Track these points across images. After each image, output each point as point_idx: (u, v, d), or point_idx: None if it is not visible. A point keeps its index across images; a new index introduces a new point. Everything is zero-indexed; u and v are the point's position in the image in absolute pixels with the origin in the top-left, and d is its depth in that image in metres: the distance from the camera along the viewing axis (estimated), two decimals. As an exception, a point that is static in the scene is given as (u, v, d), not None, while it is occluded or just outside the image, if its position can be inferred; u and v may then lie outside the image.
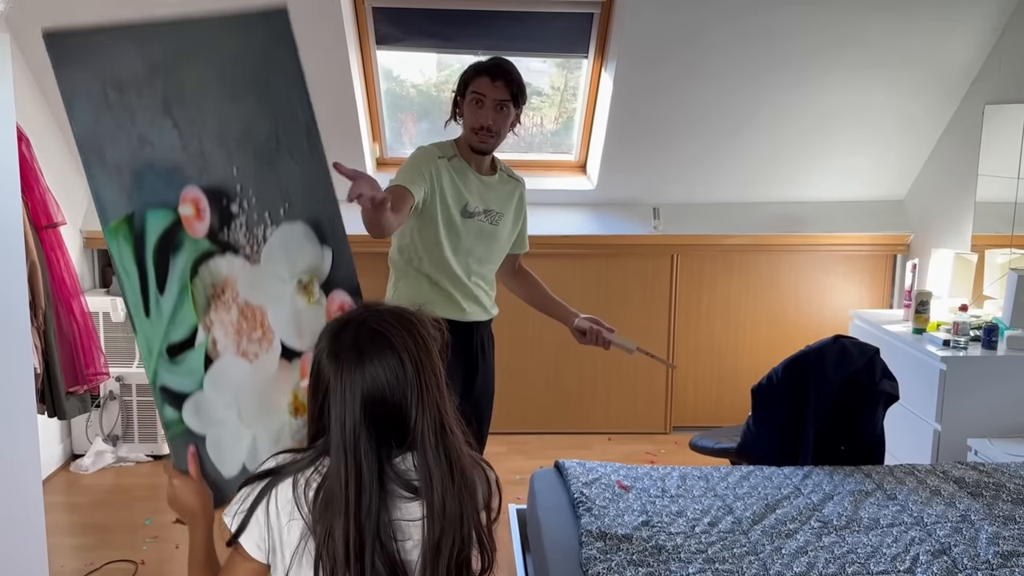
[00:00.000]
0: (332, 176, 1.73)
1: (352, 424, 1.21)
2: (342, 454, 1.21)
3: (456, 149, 2.47)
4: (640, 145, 4.03)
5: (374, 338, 1.25)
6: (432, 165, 2.37)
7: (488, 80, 2.36)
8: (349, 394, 1.22)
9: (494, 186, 2.52)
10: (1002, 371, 3.21)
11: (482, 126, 2.37)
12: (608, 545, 2.04)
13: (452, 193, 2.40)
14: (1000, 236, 3.64)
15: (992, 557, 1.99)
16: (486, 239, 2.50)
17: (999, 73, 3.69)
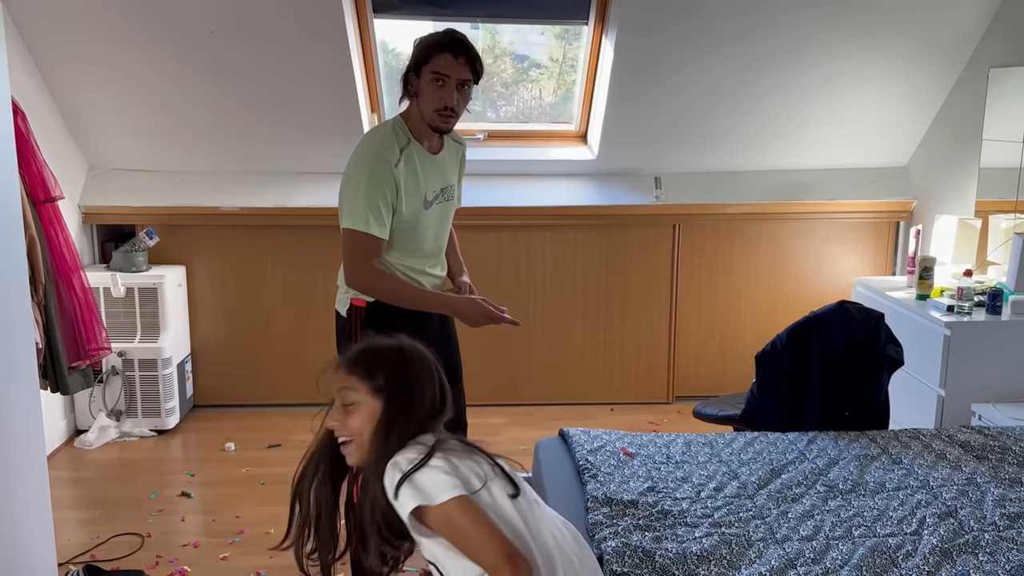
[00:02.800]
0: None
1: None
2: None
3: (408, 132, 2.35)
4: (641, 114, 4.00)
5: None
6: (389, 185, 2.26)
7: (451, 57, 2.25)
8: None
9: (445, 160, 2.46)
10: (1006, 336, 3.20)
11: (446, 106, 2.28)
12: (614, 511, 2.04)
13: (411, 193, 2.32)
14: (1005, 201, 3.61)
15: (998, 519, 1.99)
16: (445, 215, 2.50)
17: (1004, 36, 3.64)
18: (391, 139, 2.32)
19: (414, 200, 2.34)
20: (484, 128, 4.28)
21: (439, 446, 1.51)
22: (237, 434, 3.95)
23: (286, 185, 4.12)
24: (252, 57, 3.63)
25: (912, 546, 1.88)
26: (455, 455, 1.51)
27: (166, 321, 3.94)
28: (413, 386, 1.57)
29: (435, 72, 2.26)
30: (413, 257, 2.42)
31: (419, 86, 2.30)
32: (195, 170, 4.12)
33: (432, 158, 2.40)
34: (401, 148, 2.31)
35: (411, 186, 2.32)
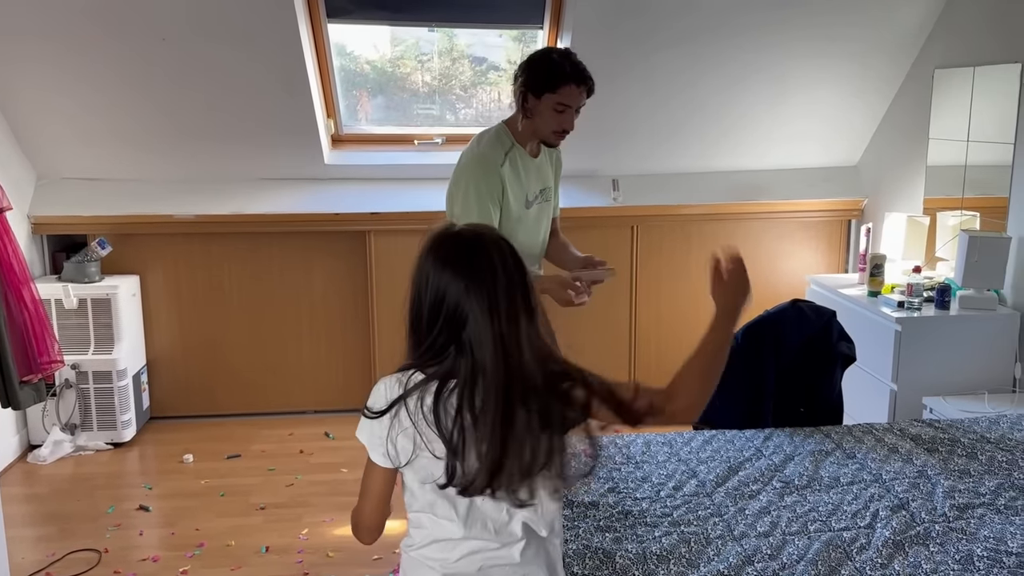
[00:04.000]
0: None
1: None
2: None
3: (512, 136, 2.51)
4: (597, 117, 4.00)
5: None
6: (496, 187, 2.42)
7: (574, 88, 2.39)
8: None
9: (542, 163, 2.61)
10: (955, 330, 3.28)
11: (564, 130, 2.46)
12: (575, 512, 2.05)
13: (514, 194, 2.47)
14: (951, 199, 3.71)
15: (948, 510, 2.04)
16: (542, 215, 2.62)
17: (947, 37, 3.74)
18: (496, 143, 2.49)
19: (518, 200, 2.49)
20: (442, 132, 4.28)
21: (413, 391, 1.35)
22: (195, 445, 3.90)
23: (242, 192, 4.07)
24: (204, 63, 3.59)
25: (866, 539, 1.92)
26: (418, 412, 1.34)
27: (120, 332, 3.87)
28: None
29: (560, 103, 2.39)
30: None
31: (537, 107, 2.42)
32: (148, 178, 4.06)
33: (532, 161, 2.55)
34: (505, 151, 2.48)
35: (515, 186, 2.47)
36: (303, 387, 4.23)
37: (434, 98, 4.37)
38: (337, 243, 4.15)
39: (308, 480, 3.54)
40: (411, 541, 1.42)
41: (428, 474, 1.35)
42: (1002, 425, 2.60)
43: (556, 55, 2.42)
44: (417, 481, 1.37)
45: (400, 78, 4.33)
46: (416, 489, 1.39)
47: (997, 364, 3.31)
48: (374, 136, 4.28)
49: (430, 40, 4.27)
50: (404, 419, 1.34)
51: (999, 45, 3.40)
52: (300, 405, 4.22)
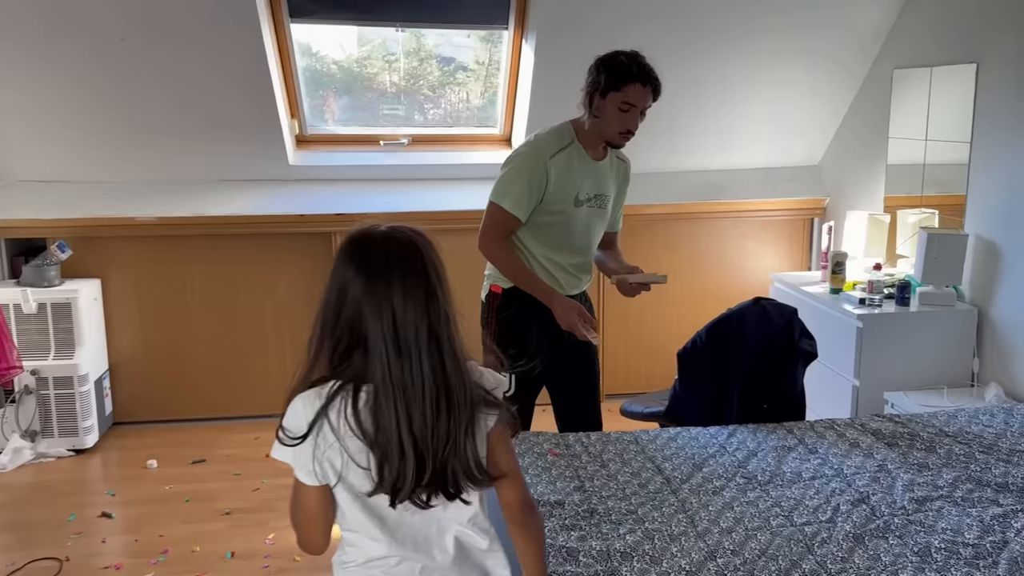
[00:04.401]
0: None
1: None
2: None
3: (574, 135, 2.53)
4: (564, 117, 4.01)
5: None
6: (539, 172, 2.46)
7: (640, 87, 2.42)
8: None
9: (605, 169, 2.60)
10: (915, 326, 3.34)
11: (628, 131, 2.47)
12: (541, 512, 2.06)
13: (561, 188, 2.49)
14: (911, 197, 3.77)
15: (908, 503, 2.08)
16: (594, 220, 2.61)
17: (906, 38, 3.80)
18: (555, 136, 2.54)
19: (565, 195, 2.50)
20: (408, 133, 4.27)
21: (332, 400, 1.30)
22: (160, 451, 3.85)
23: (205, 193, 4.03)
24: (166, 63, 3.54)
25: (827, 533, 1.94)
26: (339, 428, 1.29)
27: (81, 337, 3.81)
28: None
29: (625, 102, 2.42)
30: (558, 252, 2.59)
31: (603, 107, 2.45)
32: (108, 180, 4.00)
33: (592, 163, 2.56)
34: (562, 146, 2.51)
35: (564, 181, 2.49)
36: (269, 390, 4.19)
37: (400, 98, 4.35)
38: (302, 245, 4.12)
39: (274, 484, 3.51)
40: (345, 558, 1.38)
41: (357, 488, 1.31)
42: (960, 419, 2.65)
43: (624, 56, 2.45)
44: (348, 498, 1.33)
45: (367, 78, 4.31)
46: (346, 507, 1.34)
47: (956, 359, 3.36)
48: (339, 136, 4.26)
49: (397, 40, 4.26)
50: (329, 434, 1.29)
51: (955, 46, 3.46)
52: (266, 409, 4.18)
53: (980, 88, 3.32)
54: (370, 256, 1.31)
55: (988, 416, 2.66)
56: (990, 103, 3.28)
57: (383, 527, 1.34)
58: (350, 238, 1.35)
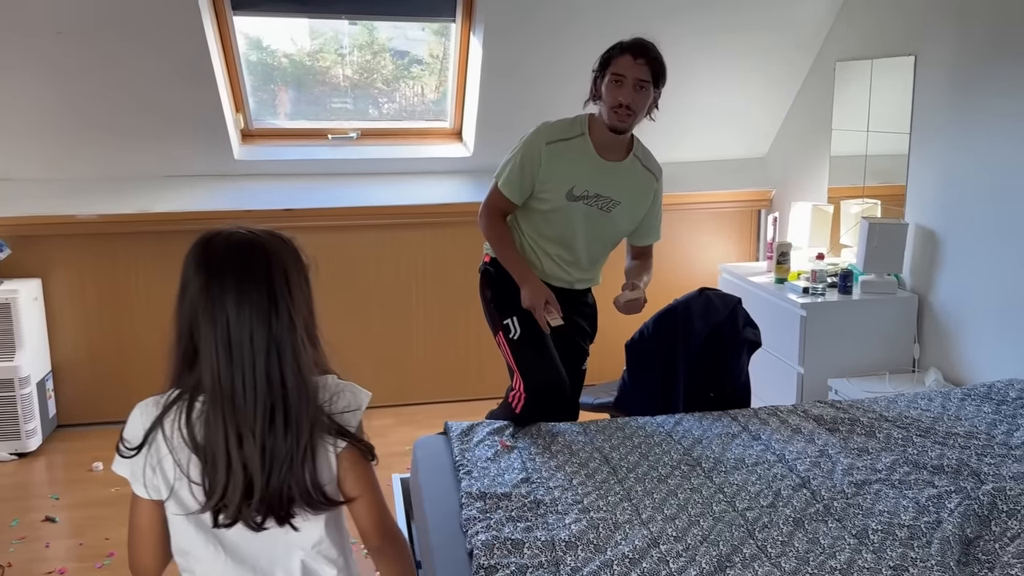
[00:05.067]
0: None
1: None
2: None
3: (586, 127, 2.52)
4: (513, 110, 4.04)
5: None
6: (533, 156, 2.48)
7: (630, 58, 2.40)
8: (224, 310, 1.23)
9: (617, 172, 2.55)
10: (857, 314, 3.40)
11: (620, 103, 2.40)
12: (488, 504, 2.06)
13: (553, 178, 2.48)
14: (854, 187, 3.84)
15: (847, 487, 2.12)
16: (593, 222, 2.57)
17: (847, 31, 3.87)
18: (564, 124, 2.54)
19: (557, 187, 2.49)
20: (357, 127, 4.23)
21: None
22: (105, 453, 3.77)
23: (148, 190, 3.95)
24: (104, 57, 3.46)
25: (768, 517, 1.98)
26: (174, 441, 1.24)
27: (22, 338, 3.71)
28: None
29: (614, 73, 2.41)
30: (546, 240, 2.61)
31: (601, 89, 2.46)
32: (47, 177, 3.90)
33: (599, 161, 2.52)
34: (567, 136, 2.50)
35: (557, 171, 2.48)
36: (219, 389, 4.13)
37: (354, 92, 4.31)
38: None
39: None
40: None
41: (187, 504, 1.25)
42: (900, 404, 2.71)
43: (626, 39, 2.47)
44: (180, 516, 1.26)
45: (319, 72, 4.26)
46: (179, 526, 1.27)
47: (897, 345, 3.44)
48: (286, 131, 4.20)
49: (349, 34, 4.21)
50: (162, 445, 1.23)
51: (895, 38, 3.54)
52: (216, 407, 4.12)
53: (918, 80, 3.39)
54: (210, 257, 1.24)
55: (926, 401, 2.73)
56: (927, 95, 3.35)
57: (220, 549, 1.27)
58: (197, 238, 1.28)
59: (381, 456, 1.61)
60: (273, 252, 1.25)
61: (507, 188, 2.54)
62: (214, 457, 1.21)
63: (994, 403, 2.67)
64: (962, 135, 3.19)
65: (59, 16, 3.28)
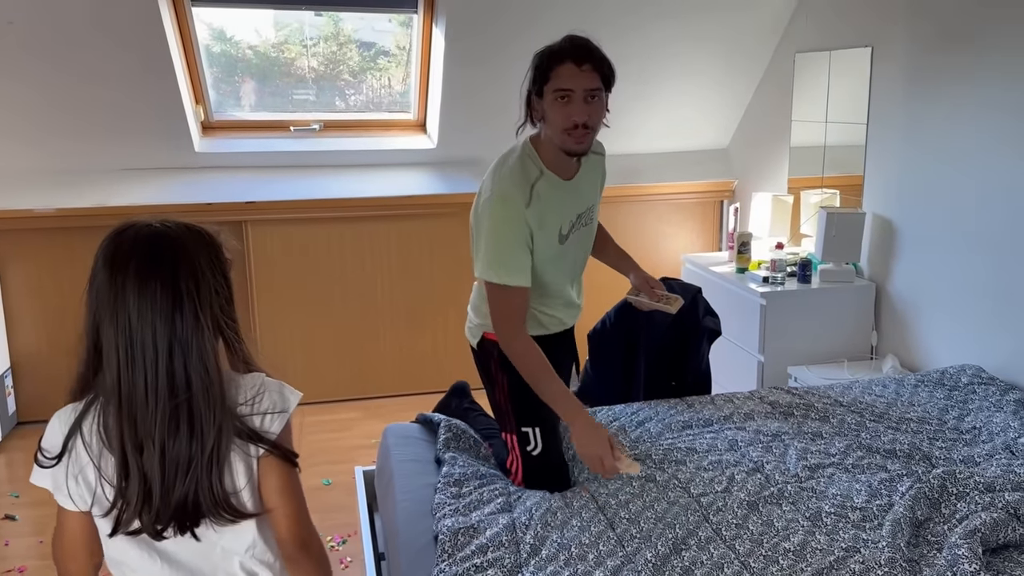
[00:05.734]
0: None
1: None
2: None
3: (539, 160, 2.09)
4: (477, 101, 4.04)
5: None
6: (522, 229, 2.04)
7: (573, 67, 1.97)
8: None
9: (581, 182, 2.19)
10: (816, 302, 3.45)
11: (576, 124, 1.98)
12: (462, 491, 2.08)
13: (546, 234, 2.10)
14: (813, 178, 3.90)
15: (800, 471, 2.16)
16: (584, 242, 2.28)
17: (806, 22, 3.92)
18: (519, 175, 2.06)
19: (549, 239, 2.12)
20: (319, 118, 4.21)
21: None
22: (66, 449, 3.72)
23: (107, 183, 3.90)
24: (59, 48, 3.40)
25: (723, 502, 2.01)
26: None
27: (-22, 334, 3.65)
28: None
29: (558, 89, 1.98)
30: (549, 297, 2.23)
31: (544, 108, 2.02)
32: (2, 171, 3.83)
33: (566, 185, 2.13)
34: (532, 183, 2.06)
35: (546, 224, 2.09)
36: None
37: (320, 84, 4.28)
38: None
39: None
40: None
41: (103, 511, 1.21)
42: (855, 390, 2.76)
43: (558, 41, 2.04)
44: (106, 525, 1.22)
45: (284, 64, 4.21)
46: (106, 535, 1.23)
47: (856, 333, 3.50)
48: (248, 123, 4.17)
49: (315, 25, 4.18)
50: (82, 452, 1.19)
51: (852, 30, 3.58)
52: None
53: (875, 71, 3.44)
54: (115, 251, 1.19)
55: (881, 387, 2.78)
56: (884, 86, 3.41)
57: (156, 557, 1.23)
58: (108, 236, 1.23)
59: (347, 449, 1.61)
60: (183, 247, 1.19)
61: (521, 277, 2.06)
62: (117, 463, 1.17)
63: (946, 389, 2.73)
64: (916, 125, 3.24)
65: (11, 5, 3.22)
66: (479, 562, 1.75)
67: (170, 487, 1.16)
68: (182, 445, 1.16)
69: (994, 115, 2.87)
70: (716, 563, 1.76)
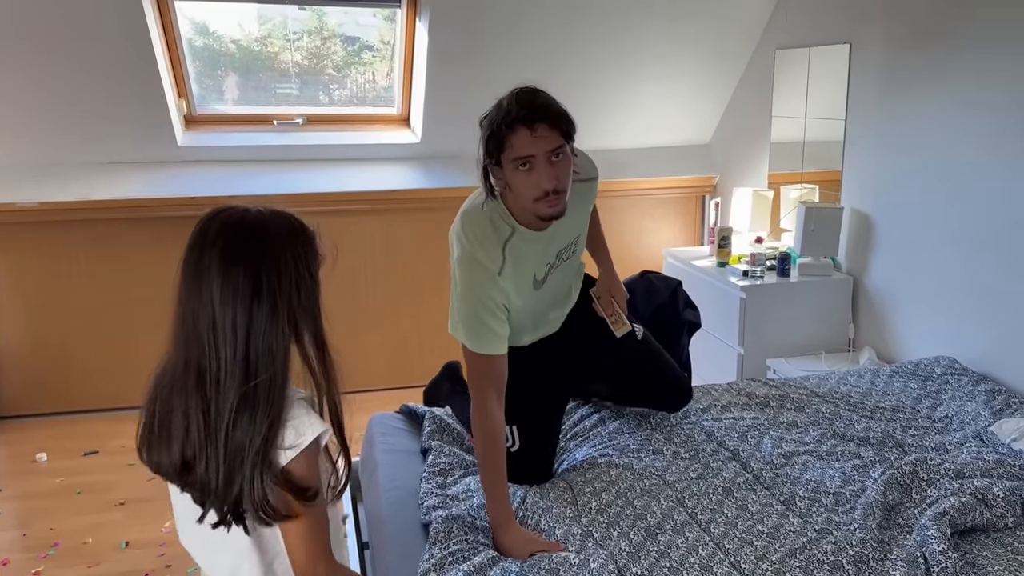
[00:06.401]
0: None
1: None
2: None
3: (509, 215, 1.94)
4: (461, 96, 4.06)
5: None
6: (498, 297, 1.94)
7: (527, 133, 1.79)
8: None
9: (559, 224, 2.01)
10: (795, 295, 3.50)
11: (546, 192, 1.83)
12: (447, 480, 2.11)
13: (520, 288, 2.00)
14: (793, 173, 3.95)
15: (776, 458, 2.20)
16: (568, 267, 2.15)
17: (786, 19, 3.96)
18: (490, 236, 1.93)
19: (523, 291, 2.00)
20: (303, 112, 4.22)
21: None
22: (49, 443, 3.72)
23: (89, 177, 3.89)
24: (43, 42, 3.40)
25: (698, 487, 2.05)
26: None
27: (-40, 328, 3.64)
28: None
29: (517, 158, 1.81)
30: (532, 332, 2.16)
31: (506, 177, 1.86)
32: (-15, 164, 3.82)
33: (543, 235, 1.99)
34: (503, 243, 1.93)
35: (520, 281, 1.98)
36: (166, 378, 4.10)
37: (303, 78, 4.28)
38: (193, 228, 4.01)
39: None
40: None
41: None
42: (831, 380, 2.81)
43: (503, 102, 1.85)
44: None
45: (268, 58, 4.21)
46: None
47: (833, 326, 3.55)
48: (231, 116, 4.17)
49: (299, 19, 4.18)
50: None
51: (831, 26, 3.63)
52: (163, 397, 4.09)
53: (853, 67, 3.49)
54: (206, 232, 1.26)
55: (856, 377, 2.83)
56: (862, 82, 3.46)
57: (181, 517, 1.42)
58: (209, 211, 1.31)
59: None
60: (268, 236, 1.24)
61: (494, 346, 1.95)
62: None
63: (920, 379, 2.78)
64: (892, 121, 3.30)
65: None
66: (467, 551, 1.78)
67: (232, 472, 1.20)
68: (243, 429, 1.20)
69: (968, 112, 2.92)
70: (691, 546, 1.80)
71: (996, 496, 1.92)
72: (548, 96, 1.86)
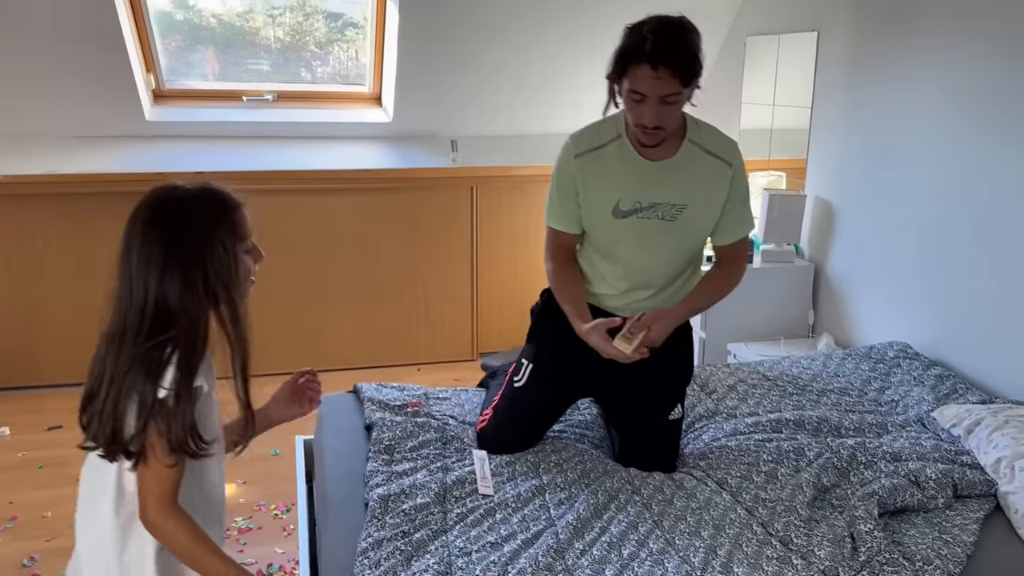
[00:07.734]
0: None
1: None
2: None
3: (622, 127, 2.02)
4: (433, 76, 4.05)
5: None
6: (566, 176, 2.04)
7: (649, 71, 1.81)
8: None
9: (673, 170, 2.00)
10: (757, 281, 3.54)
11: (644, 126, 1.89)
12: (394, 457, 2.13)
13: (593, 196, 2.03)
14: (760, 160, 3.97)
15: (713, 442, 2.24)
16: (653, 235, 2.05)
17: (758, 5, 3.98)
18: (592, 131, 2.05)
19: (599, 204, 2.03)
20: (273, 89, 4.20)
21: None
22: (12, 418, 3.72)
23: (55, 150, 3.87)
24: (4, 10, 3.36)
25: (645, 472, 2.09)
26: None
27: (-77, 300, 3.63)
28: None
29: (632, 90, 1.86)
30: (602, 260, 2.14)
31: (622, 95, 1.92)
32: (-51, 135, 3.79)
33: (647, 164, 2.00)
34: (601, 143, 2.02)
35: (596, 186, 2.02)
36: (133, 353, 4.09)
37: (285, 54, 4.24)
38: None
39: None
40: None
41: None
42: (783, 365, 2.85)
43: (645, 26, 1.86)
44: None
45: (250, 33, 4.17)
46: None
47: (794, 312, 3.60)
48: (200, 92, 4.15)
49: (282, -6, 4.15)
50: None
51: (800, 14, 3.65)
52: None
53: (820, 55, 3.51)
54: (138, 204, 1.40)
55: (808, 360, 2.87)
56: (828, 71, 3.48)
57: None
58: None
59: (297, 421, 1.70)
60: (187, 211, 1.36)
61: (554, 220, 2.10)
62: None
63: (872, 361, 2.83)
64: (856, 111, 3.32)
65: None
66: (406, 528, 1.81)
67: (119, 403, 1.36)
68: (140, 376, 1.36)
69: (930, 104, 2.95)
70: (632, 523, 1.84)
71: (928, 478, 1.97)
72: (686, 37, 1.85)
